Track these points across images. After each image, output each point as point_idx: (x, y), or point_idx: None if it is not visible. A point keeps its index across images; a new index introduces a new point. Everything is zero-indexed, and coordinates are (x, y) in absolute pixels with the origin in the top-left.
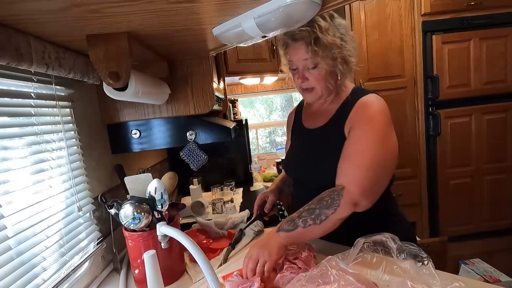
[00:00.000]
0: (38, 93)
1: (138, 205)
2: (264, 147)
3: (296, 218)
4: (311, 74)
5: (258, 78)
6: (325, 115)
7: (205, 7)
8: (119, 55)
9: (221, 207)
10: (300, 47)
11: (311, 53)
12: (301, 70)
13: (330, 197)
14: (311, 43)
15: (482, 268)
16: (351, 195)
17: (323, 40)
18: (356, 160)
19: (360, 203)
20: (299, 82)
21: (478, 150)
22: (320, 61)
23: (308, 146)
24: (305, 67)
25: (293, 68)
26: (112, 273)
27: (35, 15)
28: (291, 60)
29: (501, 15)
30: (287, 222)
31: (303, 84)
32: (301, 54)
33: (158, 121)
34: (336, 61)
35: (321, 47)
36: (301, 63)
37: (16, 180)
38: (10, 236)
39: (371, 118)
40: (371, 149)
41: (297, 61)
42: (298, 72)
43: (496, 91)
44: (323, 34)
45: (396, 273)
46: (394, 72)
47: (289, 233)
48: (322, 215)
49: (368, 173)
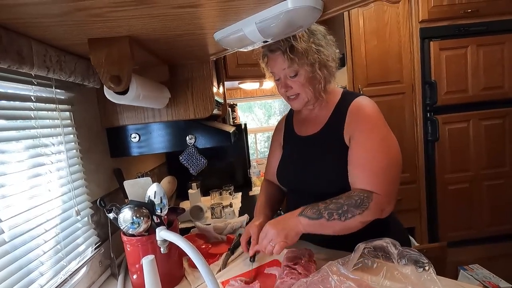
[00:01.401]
0: (38, 96)
1: (137, 209)
2: (262, 151)
3: (322, 208)
4: (294, 82)
5: (258, 83)
6: (317, 122)
7: (207, 12)
8: (121, 59)
9: (220, 212)
10: (278, 57)
11: (288, 61)
12: (283, 79)
13: (359, 197)
14: (287, 51)
15: (481, 274)
16: (380, 201)
17: (297, 47)
18: (374, 165)
19: (386, 209)
20: (283, 91)
21: (476, 155)
22: (299, 68)
23: (303, 154)
24: (286, 76)
25: (276, 79)
26: (109, 279)
27: (38, 19)
28: (272, 71)
29: (498, 23)
30: (311, 209)
31: (287, 93)
32: (279, 64)
33: (157, 125)
34: (314, 67)
35: (297, 54)
36: (282, 73)
37: (14, 184)
38: (7, 240)
39: (370, 121)
40: (381, 153)
41: (277, 71)
42: (281, 81)
43: (493, 97)
44: (297, 41)
45: (397, 278)
46: (393, 78)
47: (312, 221)
48: (349, 213)
49: (389, 177)
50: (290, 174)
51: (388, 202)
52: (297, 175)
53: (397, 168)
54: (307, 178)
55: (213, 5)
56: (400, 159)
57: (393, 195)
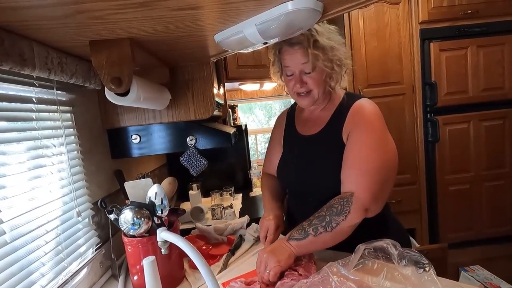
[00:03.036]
0: (40, 97)
1: (138, 210)
2: (263, 152)
3: (306, 226)
4: (309, 78)
5: (258, 84)
6: (319, 122)
7: (207, 14)
8: (122, 61)
9: (221, 213)
10: (297, 51)
11: (310, 56)
12: (298, 75)
13: (339, 204)
14: (310, 46)
15: (482, 275)
16: (361, 201)
17: (321, 42)
18: (361, 165)
19: (371, 208)
20: (297, 87)
21: (476, 156)
22: (318, 64)
23: (305, 154)
24: (302, 71)
25: (289, 74)
26: (110, 280)
27: (40, 21)
28: (287, 66)
29: (497, 24)
30: (297, 231)
31: (301, 89)
32: (298, 59)
33: (158, 126)
34: (333, 64)
35: (320, 49)
36: (298, 68)
37: (16, 185)
38: (9, 241)
39: (369, 123)
40: (374, 153)
41: (294, 66)
42: (295, 77)
43: (493, 98)
44: (321, 36)
45: (398, 279)
46: (393, 79)
47: (300, 241)
48: (333, 222)
49: (375, 178)
50: (291, 175)
51: (373, 201)
52: (298, 175)
53: (389, 171)
54: (307, 179)
55: (213, 7)
56: (395, 163)
57: (379, 195)
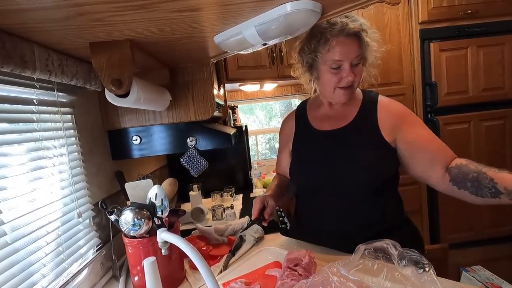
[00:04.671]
0: (41, 99)
1: (138, 211)
2: (263, 153)
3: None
4: (356, 70)
5: (258, 85)
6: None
7: (207, 16)
8: (122, 62)
9: (221, 214)
10: (353, 42)
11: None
12: (348, 66)
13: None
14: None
15: (484, 276)
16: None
17: (373, 36)
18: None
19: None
20: (348, 79)
21: (477, 156)
22: (368, 56)
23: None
24: (352, 63)
25: (335, 67)
26: (111, 280)
27: (41, 24)
28: (337, 59)
29: (497, 24)
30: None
31: (350, 81)
32: (354, 48)
33: (158, 127)
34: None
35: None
36: (349, 58)
37: (16, 186)
38: (10, 242)
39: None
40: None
41: (346, 56)
42: (344, 69)
43: (494, 98)
44: (371, 30)
45: (398, 280)
46: (393, 79)
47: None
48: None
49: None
50: (314, 172)
51: None
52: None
53: None
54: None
55: (213, 8)
56: None
57: None
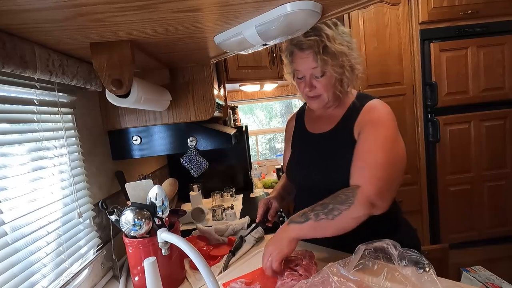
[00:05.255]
0: (41, 99)
1: (138, 211)
2: (264, 153)
3: (308, 211)
4: (319, 82)
5: (258, 85)
6: (331, 120)
7: (207, 16)
8: (122, 63)
9: (221, 214)
10: (308, 56)
11: (320, 61)
12: (309, 79)
13: (344, 194)
14: (320, 52)
15: (484, 276)
16: (366, 194)
17: (331, 48)
18: (369, 160)
19: (376, 203)
20: (306, 90)
21: (477, 156)
22: (328, 69)
23: (315, 151)
24: (312, 75)
25: (299, 77)
26: (111, 281)
27: (41, 24)
28: (297, 69)
29: (497, 24)
30: (298, 215)
31: (310, 93)
32: (309, 63)
33: (159, 128)
34: (344, 69)
35: (330, 55)
36: (308, 72)
37: (17, 186)
38: (10, 242)
39: (380, 120)
40: (382, 150)
41: (304, 70)
42: (305, 80)
43: (494, 98)
44: (331, 42)
45: (398, 280)
46: (393, 79)
47: (301, 225)
48: (335, 211)
49: (381, 173)
50: (301, 172)
51: (378, 196)
52: (312, 173)
53: (396, 170)
54: (317, 175)
55: (213, 9)
56: (403, 164)
57: (385, 192)
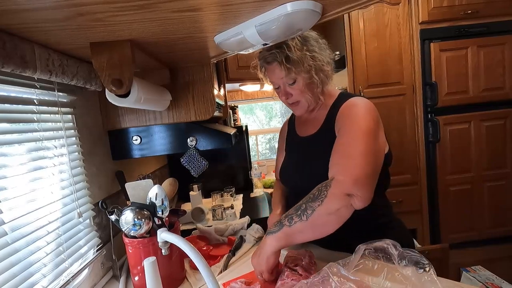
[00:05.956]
0: (41, 99)
1: (138, 211)
2: (264, 153)
3: (283, 217)
4: (293, 89)
5: (258, 85)
6: (316, 122)
7: (207, 16)
8: (122, 63)
9: (221, 214)
10: (275, 68)
11: (285, 71)
12: (283, 88)
13: (317, 189)
14: (283, 62)
15: (484, 276)
16: (340, 184)
17: (292, 57)
18: (344, 150)
19: (354, 192)
20: (284, 98)
21: (477, 156)
22: (296, 76)
23: (302, 153)
24: (285, 84)
25: (276, 87)
26: (111, 280)
27: (41, 24)
28: (272, 81)
29: (498, 24)
30: (274, 224)
31: (288, 100)
32: (277, 74)
33: (159, 127)
34: (311, 73)
35: (293, 63)
36: (280, 81)
37: (17, 186)
38: (10, 242)
39: (358, 115)
40: (358, 140)
41: (276, 80)
42: (281, 89)
43: (494, 98)
44: (291, 51)
45: (398, 280)
46: (393, 79)
47: (276, 235)
48: (308, 209)
49: (357, 161)
50: (290, 175)
51: (356, 185)
52: (300, 176)
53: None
54: (305, 177)
55: (213, 9)
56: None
57: (364, 180)
